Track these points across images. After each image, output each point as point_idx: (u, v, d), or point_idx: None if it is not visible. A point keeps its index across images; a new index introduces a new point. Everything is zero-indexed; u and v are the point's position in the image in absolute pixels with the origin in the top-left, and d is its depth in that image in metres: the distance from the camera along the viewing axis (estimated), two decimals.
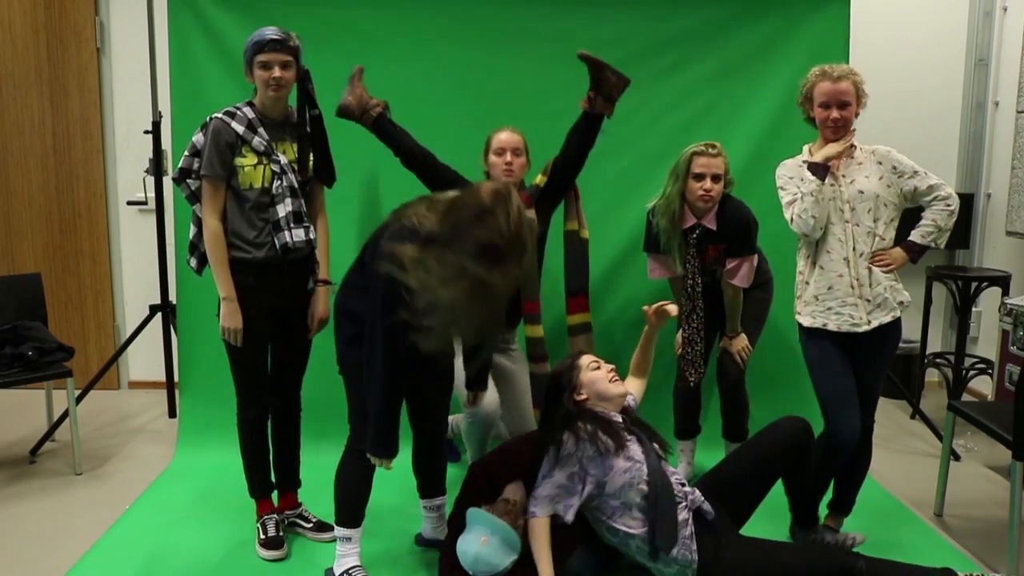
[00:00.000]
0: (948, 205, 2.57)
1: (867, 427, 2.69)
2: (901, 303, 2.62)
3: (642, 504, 2.33)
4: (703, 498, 2.42)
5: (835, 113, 2.54)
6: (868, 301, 2.59)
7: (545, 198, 2.94)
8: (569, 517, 2.35)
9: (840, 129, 2.57)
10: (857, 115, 2.60)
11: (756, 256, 3.07)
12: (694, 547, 2.32)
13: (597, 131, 2.86)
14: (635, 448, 2.39)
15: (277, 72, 2.51)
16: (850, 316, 2.60)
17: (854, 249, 2.58)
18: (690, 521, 2.35)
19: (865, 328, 2.59)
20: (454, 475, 3.04)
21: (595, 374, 2.50)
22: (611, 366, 2.54)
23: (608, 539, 2.43)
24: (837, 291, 2.61)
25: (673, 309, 2.65)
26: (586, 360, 2.53)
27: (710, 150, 2.93)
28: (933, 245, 2.62)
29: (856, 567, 2.25)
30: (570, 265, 2.96)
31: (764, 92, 3.56)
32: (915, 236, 2.61)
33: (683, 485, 2.43)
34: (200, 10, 3.46)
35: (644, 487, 2.33)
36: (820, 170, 2.55)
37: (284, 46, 2.51)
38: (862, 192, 2.57)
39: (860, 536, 2.67)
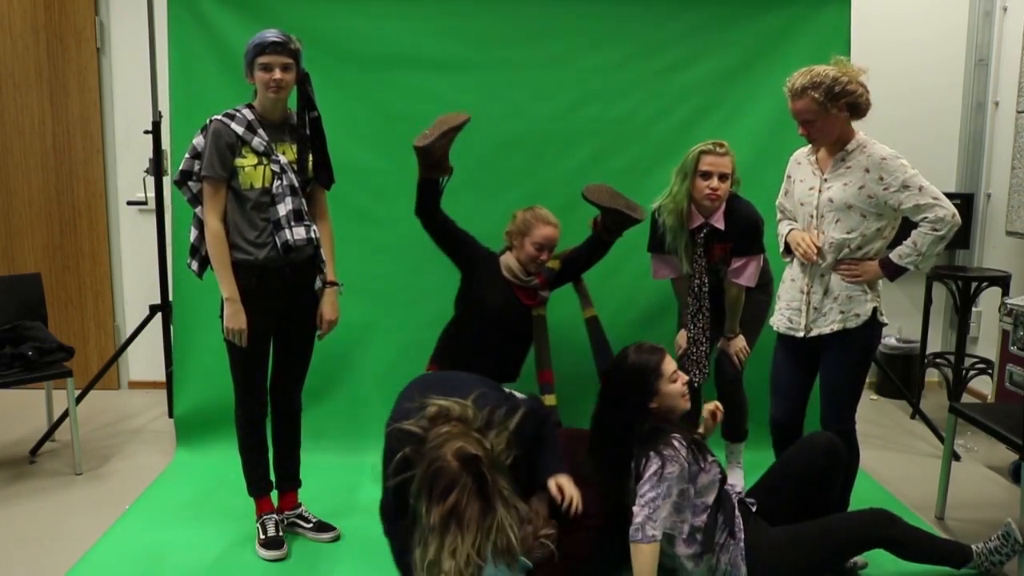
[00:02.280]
0: (935, 229, 2.43)
1: (844, 430, 2.63)
2: (857, 315, 2.54)
3: (711, 503, 2.37)
4: (742, 491, 2.53)
5: (800, 131, 2.53)
6: (815, 310, 2.59)
7: (556, 281, 3.18)
8: (685, 534, 2.34)
9: (815, 141, 2.55)
10: (852, 115, 2.49)
11: (763, 256, 3.07)
12: (742, 534, 2.38)
13: (605, 252, 3.15)
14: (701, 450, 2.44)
15: (278, 74, 2.51)
16: (789, 320, 2.66)
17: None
18: (737, 509, 2.43)
19: (802, 334, 2.62)
20: None
21: (673, 387, 2.44)
22: (685, 378, 2.50)
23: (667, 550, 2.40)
24: (787, 294, 2.68)
25: (718, 410, 2.61)
26: (669, 369, 2.45)
27: (718, 149, 2.91)
28: (912, 268, 2.51)
29: (889, 536, 2.38)
30: (599, 345, 3.16)
31: (764, 92, 3.56)
32: (892, 254, 2.53)
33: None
34: (200, 10, 3.46)
35: (716, 486, 2.38)
36: (786, 250, 2.68)
37: (285, 48, 2.52)
38: (831, 200, 2.53)
39: (862, 561, 2.61)
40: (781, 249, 2.74)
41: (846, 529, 2.41)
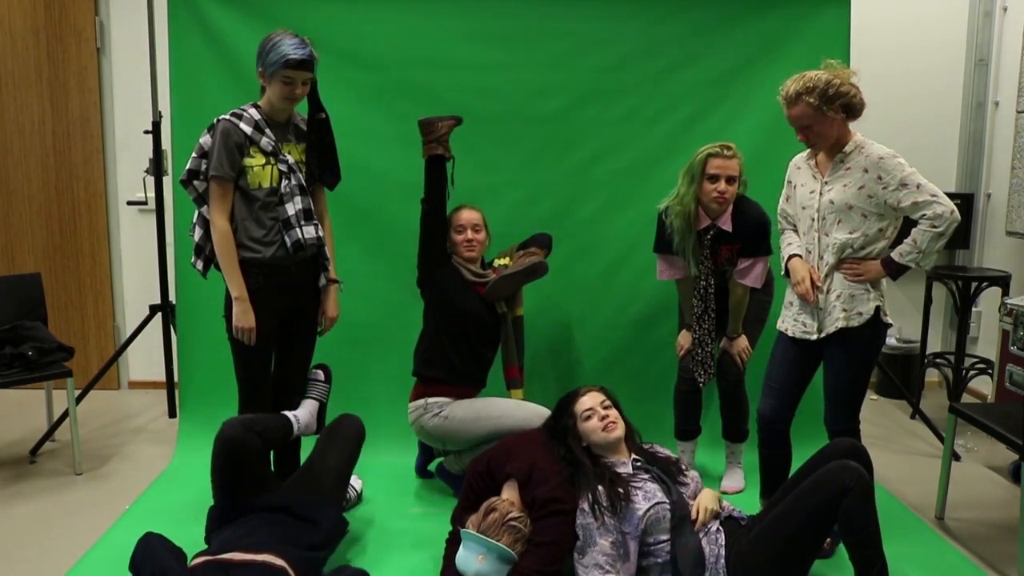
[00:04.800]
0: (934, 226, 2.43)
1: (848, 429, 2.63)
2: (860, 314, 2.54)
3: (668, 537, 2.34)
4: (732, 507, 2.47)
5: (799, 136, 2.53)
6: (821, 310, 2.59)
7: None
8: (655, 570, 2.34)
9: (814, 146, 2.55)
10: (847, 118, 2.49)
11: (769, 257, 3.07)
12: (721, 549, 2.32)
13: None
14: (652, 486, 2.40)
15: (299, 90, 2.57)
16: (803, 324, 2.65)
17: (821, 258, 2.58)
18: (720, 535, 2.36)
19: (815, 337, 2.61)
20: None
21: (587, 425, 2.51)
22: (604, 413, 2.50)
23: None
24: (798, 300, 2.66)
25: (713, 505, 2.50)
26: (581, 408, 2.53)
27: (725, 151, 2.91)
28: (913, 266, 2.50)
29: (848, 487, 2.16)
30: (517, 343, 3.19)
31: (763, 93, 3.54)
32: (893, 253, 2.53)
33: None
34: (200, 9, 3.46)
35: (668, 522, 2.34)
36: (787, 272, 2.67)
37: (310, 66, 2.56)
38: (832, 202, 2.53)
39: None
40: (783, 272, 2.73)
41: (816, 494, 2.20)
